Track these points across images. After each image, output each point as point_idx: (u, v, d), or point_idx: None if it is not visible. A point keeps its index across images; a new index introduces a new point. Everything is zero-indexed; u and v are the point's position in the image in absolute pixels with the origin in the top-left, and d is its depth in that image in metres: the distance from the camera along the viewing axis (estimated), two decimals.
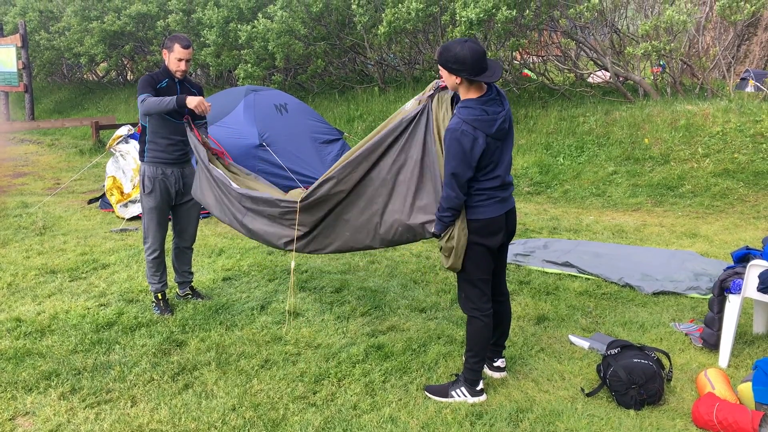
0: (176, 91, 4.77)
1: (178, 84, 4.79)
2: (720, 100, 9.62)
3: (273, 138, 8.67)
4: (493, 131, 3.36)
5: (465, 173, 3.37)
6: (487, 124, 3.35)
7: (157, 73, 4.77)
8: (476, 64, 3.31)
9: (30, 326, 4.67)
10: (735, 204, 7.82)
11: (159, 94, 4.65)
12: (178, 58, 4.68)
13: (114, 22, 16.80)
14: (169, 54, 4.70)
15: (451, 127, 3.36)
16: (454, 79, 3.41)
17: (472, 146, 3.32)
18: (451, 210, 3.45)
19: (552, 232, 7.13)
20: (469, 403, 3.65)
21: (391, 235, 3.90)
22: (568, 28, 10.97)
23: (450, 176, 3.39)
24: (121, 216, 7.90)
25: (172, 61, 4.70)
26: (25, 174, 11.53)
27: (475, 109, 3.35)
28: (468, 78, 3.35)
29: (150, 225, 4.92)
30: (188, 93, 4.83)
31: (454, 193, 3.41)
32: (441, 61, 3.42)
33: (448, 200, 3.43)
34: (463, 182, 3.40)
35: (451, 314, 4.88)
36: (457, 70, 3.35)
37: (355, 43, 13.55)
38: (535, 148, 9.97)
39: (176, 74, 4.73)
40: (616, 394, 3.64)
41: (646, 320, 4.73)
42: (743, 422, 3.28)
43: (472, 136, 3.31)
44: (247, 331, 4.61)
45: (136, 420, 3.51)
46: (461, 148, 3.32)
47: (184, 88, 4.84)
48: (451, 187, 3.41)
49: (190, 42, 4.73)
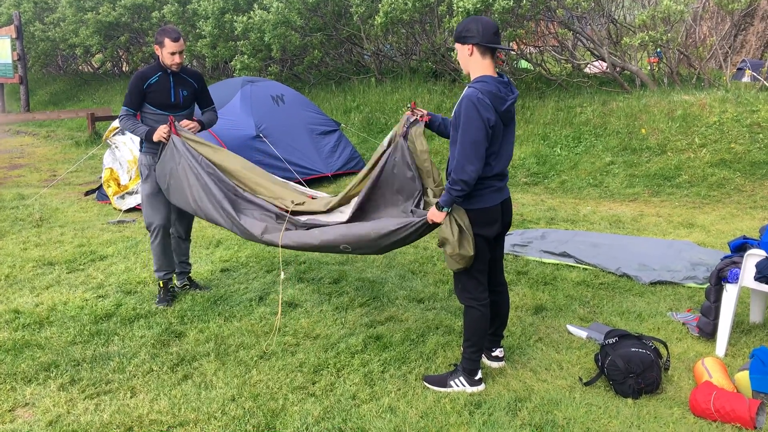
0: (168, 85, 4.75)
1: (171, 76, 4.77)
2: (717, 90, 9.63)
3: (270, 129, 8.66)
4: (503, 109, 3.36)
5: (485, 142, 3.31)
6: (499, 100, 3.36)
7: (149, 68, 4.78)
8: (487, 31, 3.37)
9: (28, 318, 4.67)
10: (732, 194, 7.84)
11: (149, 91, 4.71)
12: (171, 51, 4.66)
13: (109, 13, 16.73)
14: (161, 49, 4.68)
15: (468, 95, 3.33)
16: (466, 52, 3.43)
17: (489, 117, 3.30)
18: (464, 183, 3.32)
19: (549, 223, 7.14)
20: (467, 392, 3.66)
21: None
22: (565, 18, 10.95)
23: (471, 145, 3.29)
24: (118, 208, 7.89)
25: (166, 56, 4.68)
26: (21, 166, 11.50)
27: (490, 84, 3.37)
28: (480, 44, 3.38)
29: (148, 211, 4.93)
30: (182, 84, 4.83)
31: (472, 166, 3.29)
32: (455, 34, 3.49)
33: (464, 171, 3.30)
34: (483, 152, 3.31)
35: (449, 304, 4.89)
36: (468, 38, 3.39)
37: (351, 33, 13.50)
38: (532, 139, 9.96)
39: (171, 68, 4.72)
40: (614, 383, 3.65)
41: (643, 310, 4.75)
42: (740, 410, 3.30)
43: (489, 105, 3.31)
44: (245, 322, 4.61)
45: (135, 410, 3.52)
46: (480, 116, 3.28)
47: (179, 80, 4.82)
48: (469, 159, 3.29)
49: (179, 33, 4.70)
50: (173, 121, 4.67)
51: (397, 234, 3.76)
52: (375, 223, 3.88)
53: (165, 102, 4.76)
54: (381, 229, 3.81)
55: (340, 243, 3.96)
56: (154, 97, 4.74)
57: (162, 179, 4.74)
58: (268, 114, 8.83)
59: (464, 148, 3.31)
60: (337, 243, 3.98)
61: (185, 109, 4.89)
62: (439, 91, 11.93)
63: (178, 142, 4.60)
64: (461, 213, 3.47)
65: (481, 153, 3.31)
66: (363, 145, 11.04)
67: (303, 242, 4.12)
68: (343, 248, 3.98)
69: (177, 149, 4.59)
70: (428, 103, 11.70)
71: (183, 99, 4.83)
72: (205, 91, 5.06)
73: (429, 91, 12.03)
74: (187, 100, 4.88)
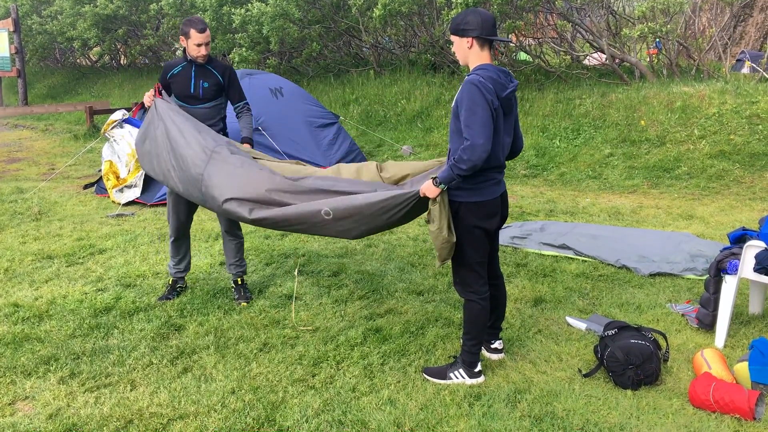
0: (190, 76, 4.66)
1: (194, 67, 4.66)
2: (716, 82, 9.61)
3: (268, 122, 8.64)
4: (503, 95, 3.35)
5: (491, 122, 3.27)
6: (501, 86, 3.35)
7: (178, 59, 4.73)
8: (487, 23, 3.37)
9: (28, 311, 4.66)
10: (731, 185, 7.84)
11: (171, 81, 4.67)
12: (196, 43, 4.54)
13: (107, 6, 16.66)
14: (187, 40, 4.57)
15: (470, 80, 3.31)
16: (465, 45, 3.42)
17: (492, 98, 3.29)
18: (471, 163, 3.23)
19: (548, 215, 7.13)
20: (467, 384, 3.67)
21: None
22: (564, 9, 10.92)
23: (480, 125, 3.22)
24: (117, 201, 7.88)
25: (191, 47, 4.57)
26: (19, 159, 11.48)
27: (491, 71, 3.36)
28: (479, 37, 3.37)
29: (168, 208, 4.87)
30: (204, 76, 4.68)
31: (483, 145, 3.21)
32: (452, 27, 3.47)
33: (473, 150, 3.21)
34: (491, 133, 3.25)
35: (448, 297, 4.89)
36: (467, 30, 3.38)
37: (350, 26, 13.46)
38: (532, 131, 9.95)
39: (197, 59, 4.62)
40: (613, 374, 3.66)
41: (642, 301, 4.75)
42: (740, 401, 3.30)
43: (491, 89, 3.30)
44: (245, 315, 4.61)
45: (135, 403, 3.52)
46: (484, 97, 3.26)
47: (202, 71, 4.68)
48: (479, 136, 3.21)
49: (205, 25, 4.58)
50: (159, 87, 4.63)
51: (386, 204, 3.62)
52: (367, 195, 3.76)
53: (185, 93, 4.67)
54: (370, 197, 3.68)
55: (323, 207, 3.80)
56: (175, 88, 4.68)
57: (139, 144, 4.65)
58: (266, 107, 8.80)
59: (473, 129, 3.23)
60: (319, 208, 3.81)
61: (207, 102, 4.73)
62: (438, 84, 11.91)
63: (161, 106, 4.52)
64: (446, 197, 3.44)
65: (490, 133, 3.26)
66: (362, 138, 11.02)
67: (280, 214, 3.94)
68: (325, 213, 3.79)
69: (158, 113, 4.51)
70: (427, 96, 11.68)
71: (203, 91, 4.68)
72: (235, 85, 4.83)
73: (428, 84, 12.01)
74: (209, 93, 4.71)
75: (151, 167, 4.62)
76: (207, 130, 4.50)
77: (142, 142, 4.66)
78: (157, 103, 4.57)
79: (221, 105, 4.85)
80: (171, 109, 4.54)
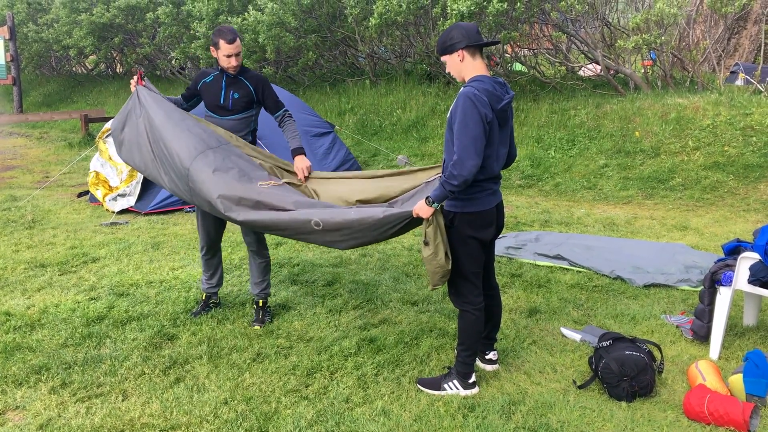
0: (221, 86, 4.51)
1: (225, 77, 4.51)
2: (710, 93, 9.65)
3: (264, 131, 8.61)
4: (499, 108, 3.36)
5: (483, 137, 3.28)
6: (496, 98, 3.35)
7: (210, 68, 4.64)
8: (470, 31, 3.40)
9: (20, 320, 4.63)
10: (725, 197, 7.86)
11: (203, 89, 4.56)
12: (226, 54, 4.37)
13: (103, 14, 16.65)
14: (217, 51, 4.41)
15: (465, 92, 3.31)
16: (456, 59, 3.43)
17: (486, 112, 3.29)
18: (462, 179, 3.25)
19: (543, 225, 7.14)
20: (461, 395, 3.65)
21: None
22: (559, 20, 10.96)
23: (470, 140, 3.24)
24: (111, 209, 7.85)
25: (222, 59, 4.41)
26: (13, 167, 11.44)
27: (486, 83, 3.37)
28: (468, 45, 3.39)
29: (197, 222, 4.75)
30: (235, 86, 4.51)
31: (472, 161, 3.23)
32: (439, 48, 3.49)
33: (463, 167, 3.24)
34: (482, 148, 3.27)
35: (443, 307, 4.88)
36: (456, 44, 3.40)
37: (346, 35, 13.49)
38: (527, 142, 9.97)
39: (228, 70, 4.46)
40: (607, 386, 3.65)
41: (637, 312, 4.75)
42: (734, 413, 3.29)
43: (486, 102, 3.30)
44: (238, 325, 4.59)
45: (127, 414, 3.49)
46: (477, 111, 3.26)
47: (232, 82, 4.51)
48: (469, 154, 3.23)
49: (236, 34, 4.39)
50: (142, 74, 4.58)
51: (377, 222, 3.61)
52: (359, 210, 3.76)
53: (215, 103, 4.52)
54: (367, 217, 3.65)
55: (314, 217, 3.76)
56: (206, 98, 4.56)
57: (116, 133, 4.55)
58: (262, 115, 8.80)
59: (463, 144, 3.26)
60: (309, 217, 3.78)
61: (236, 113, 4.56)
62: (434, 93, 11.93)
63: (143, 93, 4.46)
64: (440, 217, 3.45)
65: (480, 149, 3.28)
66: (357, 147, 11.02)
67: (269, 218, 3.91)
68: (314, 224, 3.76)
69: (140, 101, 4.45)
70: (422, 106, 11.70)
71: (233, 102, 4.51)
72: (270, 96, 4.61)
73: (423, 93, 12.03)
74: (238, 104, 4.53)
75: (129, 156, 4.52)
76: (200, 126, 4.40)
77: (121, 129, 4.55)
78: (139, 91, 4.50)
79: (251, 117, 4.67)
80: (154, 99, 4.45)
